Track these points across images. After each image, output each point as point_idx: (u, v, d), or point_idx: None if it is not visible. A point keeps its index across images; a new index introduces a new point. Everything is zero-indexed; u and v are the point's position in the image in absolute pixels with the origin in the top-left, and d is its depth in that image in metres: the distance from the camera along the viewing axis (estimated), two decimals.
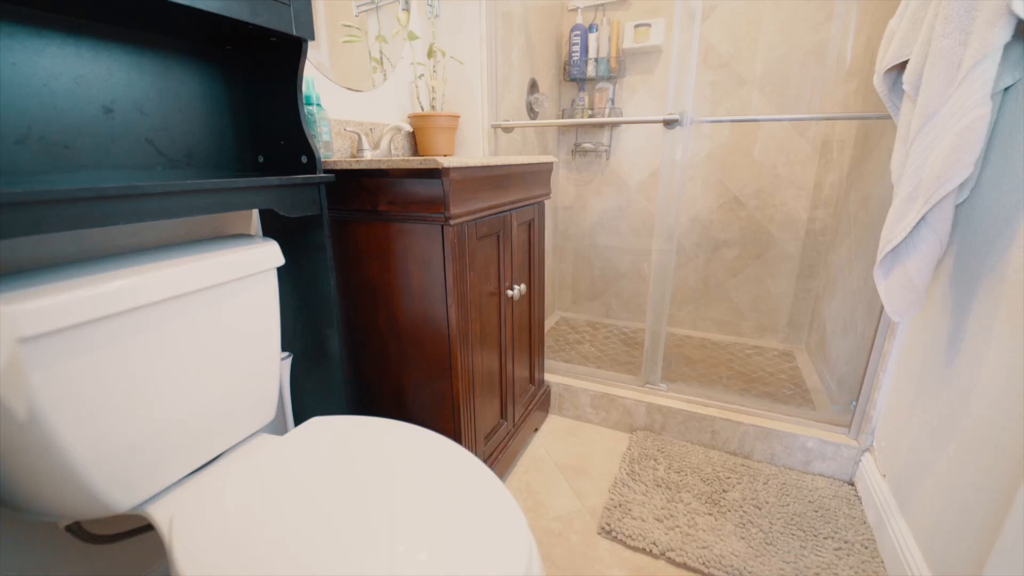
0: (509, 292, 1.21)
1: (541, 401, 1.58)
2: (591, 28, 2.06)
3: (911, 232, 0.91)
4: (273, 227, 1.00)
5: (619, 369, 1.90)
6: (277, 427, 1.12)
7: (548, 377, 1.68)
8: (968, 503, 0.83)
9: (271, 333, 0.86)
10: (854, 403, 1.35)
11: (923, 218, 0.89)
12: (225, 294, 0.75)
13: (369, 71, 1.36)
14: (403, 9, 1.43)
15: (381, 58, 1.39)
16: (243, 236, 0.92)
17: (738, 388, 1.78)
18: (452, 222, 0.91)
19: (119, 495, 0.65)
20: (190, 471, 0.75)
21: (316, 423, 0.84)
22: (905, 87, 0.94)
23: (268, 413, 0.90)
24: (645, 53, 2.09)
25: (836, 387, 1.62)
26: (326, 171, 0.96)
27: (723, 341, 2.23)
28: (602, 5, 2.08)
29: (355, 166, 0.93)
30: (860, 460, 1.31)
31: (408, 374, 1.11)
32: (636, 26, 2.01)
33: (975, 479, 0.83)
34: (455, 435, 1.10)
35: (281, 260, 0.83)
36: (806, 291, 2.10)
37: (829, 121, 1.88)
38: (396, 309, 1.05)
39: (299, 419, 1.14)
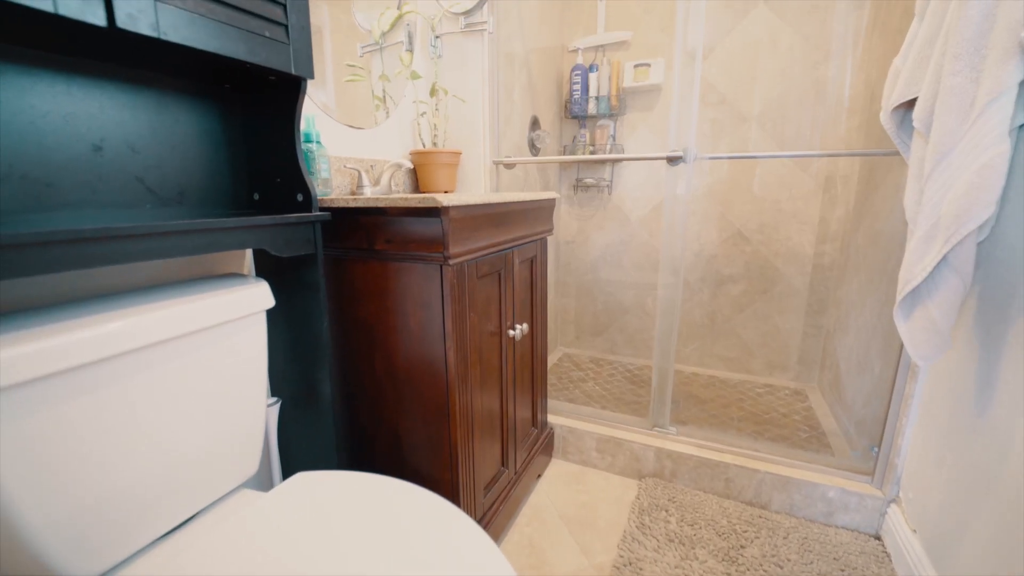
0: (511, 332, 1.16)
1: (544, 445, 1.51)
2: (591, 68, 2.09)
3: (932, 272, 0.87)
4: (266, 264, 0.96)
5: (625, 410, 1.83)
6: (263, 479, 1.05)
7: (551, 419, 1.61)
8: (1016, 569, 0.75)
9: (257, 380, 0.81)
10: (875, 449, 1.28)
11: (944, 258, 0.85)
12: (209, 339, 0.71)
13: (372, 109, 1.37)
14: (406, 50, 1.44)
15: (384, 96, 1.40)
16: (234, 276, 0.88)
17: (751, 430, 1.70)
18: (451, 262, 0.87)
19: (79, 564, 0.58)
20: (162, 533, 0.69)
21: (301, 480, 0.78)
22: (916, 124, 0.92)
23: (251, 466, 0.83)
24: (645, 91, 2.11)
25: (855, 431, 1.54)
26: (323, 209, 0.94)
27: (732, 379, 2.15)
28: (602, 46, 2.12)
29: (352, 204, 0.91)
30: (886, 512, 1.23)
31: (404, 419, 1.05)
32: (636, 66, 2.04)
33: (1018, 543, 0.75)
34: (452, 486, 1.03)
35: (271, 302, 0.79)
36: (816, 327, 2.04)
37: (832, 157, 1.88)
38: (392, 351, 1.00)
39: (287, 469, 1.07)
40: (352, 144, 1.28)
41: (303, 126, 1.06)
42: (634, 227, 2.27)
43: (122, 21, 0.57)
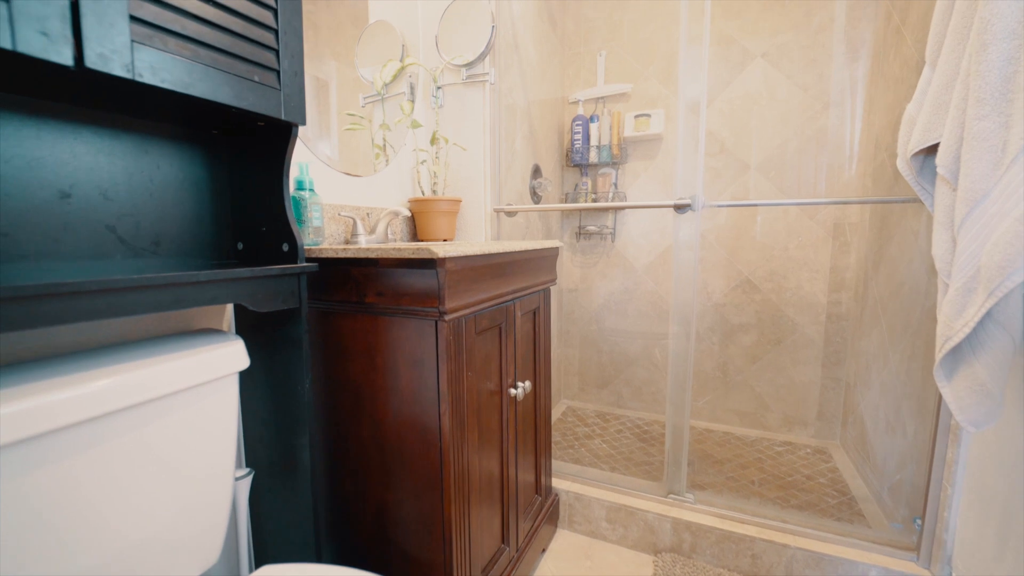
0: (512, 391, 1.06)
1: (549, 514, 1.37)
2: (592, 118, 2.11)
3: (975, 328, 0.79)
4: (247, 317, 0.89)
5: (637, 472, 1.69)
6: (231, 565, 0.93)
7: (556, 483, 1.48)
8: None
9: (226, 452, 0.71)
10: (918, 521, 1.15)
11: (988, 313, 0.77)
12: (170, 407, 0.62)
13: (372, 157, 1.35)
14: (408, 99, 1.44)
15: (384, 144, 1.38)
16: (208, 332, 0.80)
17: (775, 496, 1.56)
18: (447, 317, 0.79)
19: None
20: None
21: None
22: (940, 170, 0.87)
23: (212, 552, 0.72)
24: (646, 140, 2.12)
25: (889, 497, 1.40)
26: (310, 259, 0.87)
27: (748, 436, 2.02)
28: (602, 98, 2.15)
29: (341, 254, 0.84)
30: None
31: (392, 491, 0.93)
32: (636, 116, 2.05)
33: None
34: (446, 570, 0.90)
35: (244, 363, 0.71)
36: (834, 380, 1.93)
37: (840, 204, 1.85)
38: (381, 414, 0.91)
39: (259, 550, 0.95)
40: (349, 192, 1.24)
41: (296, 173, 1.02)
42: (639, 275, 2.22)
43: (92, 61, 0.52)
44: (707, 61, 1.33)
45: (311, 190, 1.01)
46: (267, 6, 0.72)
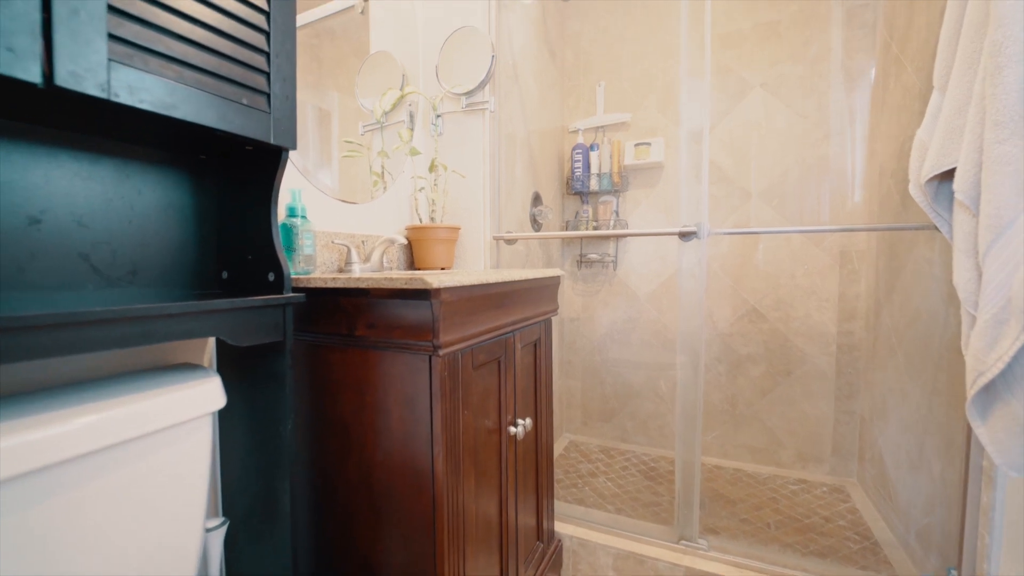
0: (512, 429, 1.00)
1: (552, 562, 1.27)
2: (592, 147, 2.11)
3: (1010, 363, 0.74)
4: (229, 351, 0.83)
5: (645, 514, 1.59)
6: None
7: (559, 527, 1.38)
8: None
9: (195, 502, 0.64)
10: (953, 573, 1.06)
11: None
12: (133, 454, 0.56)
13: (370, 184, 1.32)
14: (407, 127, 1.43)
15: (383, 172, 1.36)
16: (185, 368, 0.75)
17: (792, 540, 1.46)
18: (442, 351, 0.74)
19: None
20: None
21: None
22: (959, 196, 0.83)
23: None
24: (647, 168, 2.11)
25: (917, 544, 1.30)
26: (297, 289, 0.83)
27: (760, 473, 1.92)
28: (602, 127, 2.15)
29: (331, 284, 0.80)
30: None
31: (381, 539, 0.85)
32: (636, 145, 2.05)
33: None
34: None
35: (219, 403, 0.65)
36: (848, 414, 1.85)
37: (847, 232, 1.82)
38: (370, 456, 0.84)
39: None
40: (345, 219, 1.21)
41: (288, 200, 0.98)
42: (642, 304, 2.17)
43: (63, 79, 0.49)
44: (709, 93, 1.32)
45: (303, 217, 0.98)
46: (260, 29, 0.70)
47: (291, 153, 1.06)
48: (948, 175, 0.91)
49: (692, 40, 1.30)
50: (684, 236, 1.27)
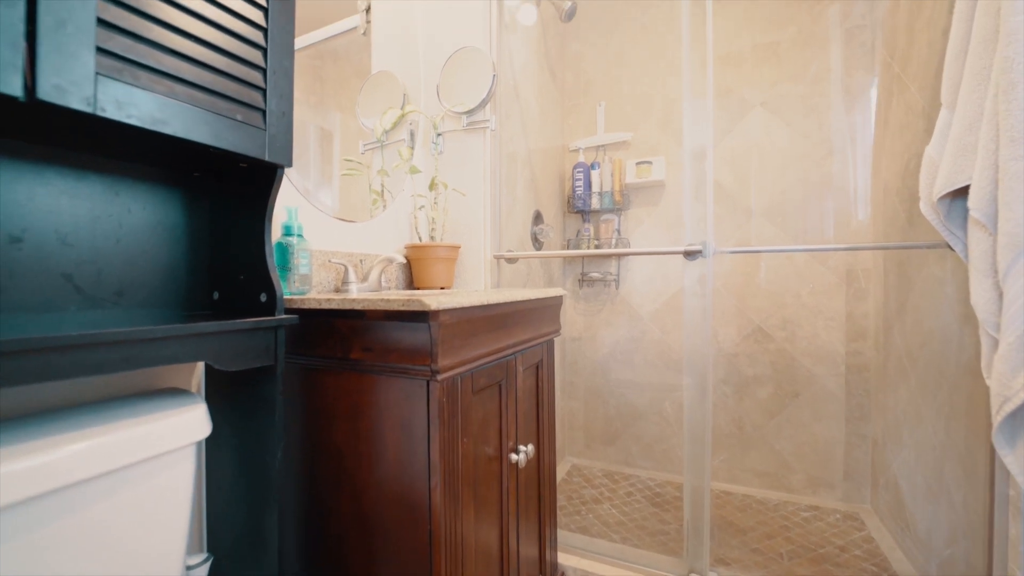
0: (513, 456, 0.95)
1: None
2: (593, 166, 2.10)
3: None
4: (218, 375, 0.80)
5: (651, 544, 1.53)
6: None
7: (562, 558, 1.32)
8: None
9: (175, 539, 0.60)
10: None
11: None
12: (106, 489, 0.52)
13: (369, 203, 1.31)
14: (407, 146, 1.42)
15: (382, 190, 1.34)
16: (171, 393, 0.71)
17: (807, 572, 1.39)
18: (440, 376, 0.70)
19: None
20: None
21: None
22: (974, 214, 0.81)
23: None
24: (649, 187, 2.10)
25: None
26: (291, 311, 0.80)
27: (770, 499, 1.85)
28: (603, 146, 2.15)
29: (325, 305, 0.77)
30: None
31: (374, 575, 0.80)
32: (638, 163, 2.04)
33: None
34: None
35: (203, 433, 0.62)
36: (859, 437, 1.80)
37: (854, 250, 1.79)
38: (363, 486, 0.79)
39: None
40: (344, 238, 1.18)
41: (284, 218, 0.96)
42: (645, 323, 2.13)
43: (46, 93, 0.47)
44: (712, 112, 1.31)
45: (299, 235, 0.95)
46: (256, 45, 0.68)
47: (290, 172, 1.05)
48: (960, 193, 0.89)
49: (694, 60, 1.30)
50: (689, 255, 1.25)
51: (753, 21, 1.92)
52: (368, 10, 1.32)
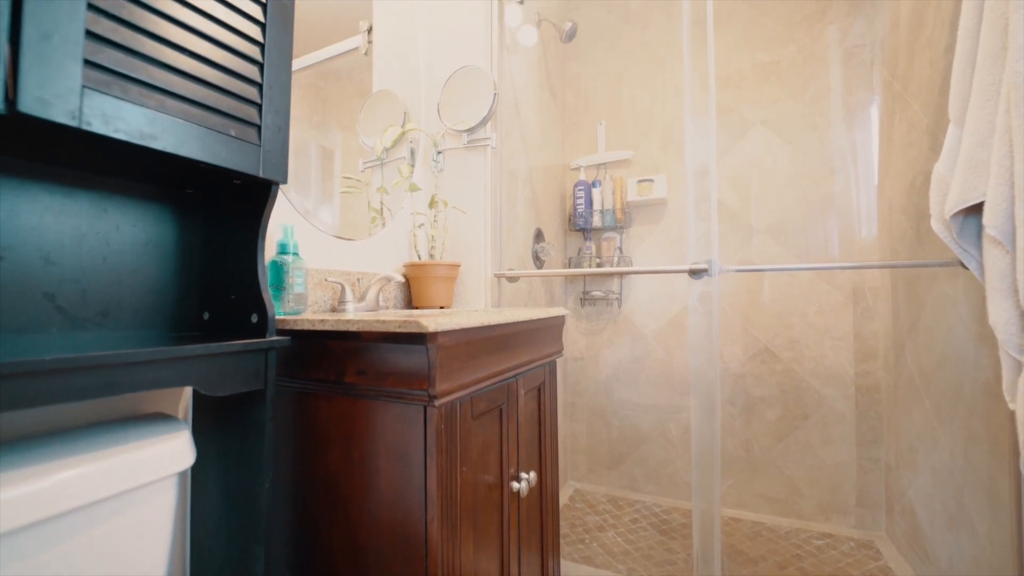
0: (515, 485, 0.91)
1: None
2: (594, 184, 2.10)
3: None
4: (207, 399, 0.76)
5: (659, 575, 1.46)
6: None
7: None
8: None
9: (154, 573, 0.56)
10: None
11: None
12: (78, 525, 0.49)
13: (368, 221, 1.29)
14: (407, 164, 1.41)
15: (381, 208, 1.33)
16: (155, 419, 0.68)
17: None
18: (438, 401, 0.67)
19: None
20: None
21: None
22: (991, 232, 0.78)
23: None
24: (650, 205, 2.09)
25: None
26: (283, 332, 0.77)
27: (781, 526, 1.79)
28: (604, 164, 2.15)
29: (319, 326, 0.74)
30: None
31: None
32: (639, 181, 2.04)
33: None
34: None
35: (187, 462, 0.58)
36: (872, 461, 1.74)
37: (862, 268, 1.77)
38: (356, 517, 0.75)
39: None
40: (342, 256, 1.16)
41: (279, 236, 0.94)
42: (648, 342, 2.09)
43: (28, 106, 0.45)
44: (714, 130, 1.30)
45: (295, 254, 0.93)
46: (253, 60, 0.67)
47: (289, 190, 1.03)
48: (973, 210, 0.87)
49: (695, 79, 1.30)
50: (695, 273, 1.22)
51: (753, 40, 1.94)
52: (370, 31, 1.33)
